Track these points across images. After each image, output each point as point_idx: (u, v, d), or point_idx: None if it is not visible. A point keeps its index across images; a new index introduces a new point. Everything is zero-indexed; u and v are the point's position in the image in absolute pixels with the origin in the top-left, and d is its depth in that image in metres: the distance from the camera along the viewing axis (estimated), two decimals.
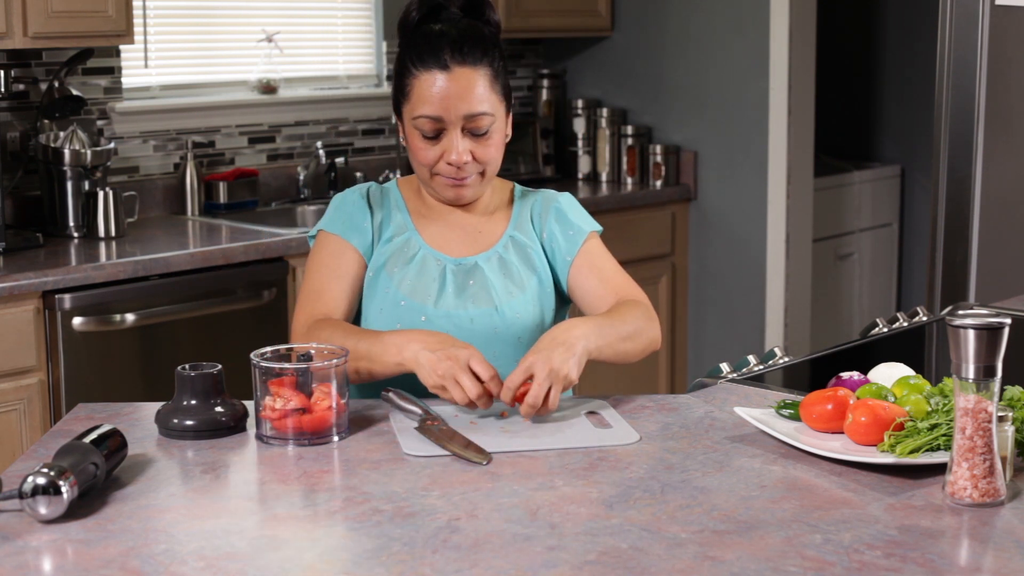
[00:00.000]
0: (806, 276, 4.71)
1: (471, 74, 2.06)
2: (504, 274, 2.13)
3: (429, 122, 2.05)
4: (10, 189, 3.69)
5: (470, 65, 2.06)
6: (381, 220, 2.16)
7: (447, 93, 2.04)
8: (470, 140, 2.08)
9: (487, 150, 2.09)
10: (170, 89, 4.17)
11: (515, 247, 2.17)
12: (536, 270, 2.16)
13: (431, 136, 2.07)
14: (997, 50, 3.24)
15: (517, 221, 2.19)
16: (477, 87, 2.06)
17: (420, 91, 2.05)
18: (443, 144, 2.07)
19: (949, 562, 1.39)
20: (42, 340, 3.22)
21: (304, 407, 1.79)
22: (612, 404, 1.97)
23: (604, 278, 2.17)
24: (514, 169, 4.72)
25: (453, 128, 2.06)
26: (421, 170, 2.11)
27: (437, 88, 2.04)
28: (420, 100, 2.06)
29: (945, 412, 1.66)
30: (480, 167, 2.10)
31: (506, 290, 2.12)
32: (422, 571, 1.36)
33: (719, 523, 1.49)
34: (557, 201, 2.21)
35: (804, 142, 4.61)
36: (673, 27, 4.77)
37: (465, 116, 2.06)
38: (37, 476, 1.50)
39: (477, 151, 2.08)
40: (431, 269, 2.12)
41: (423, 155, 2.08)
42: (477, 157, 2.09)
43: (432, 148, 2.07)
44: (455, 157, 2.06)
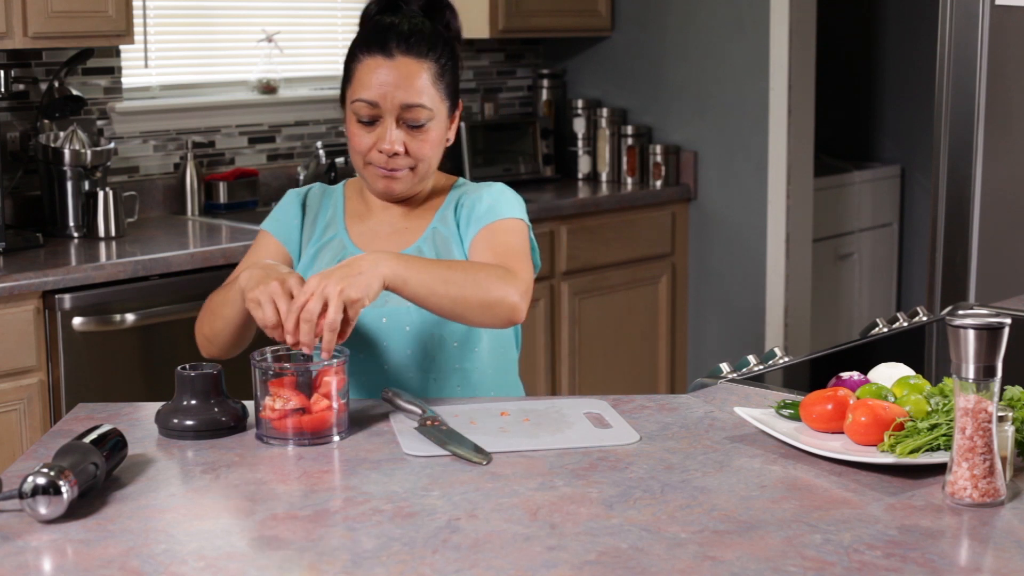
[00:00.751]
0: (806, 276, 4.71)
1: (413, 65, 2.08)
2: None
3: (366, 107, 2.07)
4: (10, 189, 3.69)
5: (414, 56, 2.08)
6: (315, 220, 2.18)
7: (386, 80, 2.06)
8: (405, 131, 2.08)
9: (421, 145, 2.09)
10: (170, 89, 4.17)
11: (436, 241, 2.13)
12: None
13: (366, 122, 2.07)
14: (997, 50, 3.24)
15: (443, 213, 2.16)
16: (418, 79, 2.07)
17: (361, 75, 2.07)
18: (377, 132, 2.07)
19: (949, 562, 1.39)
20: (42, 340, 3.22)
21: (304, 407, 1.79)
22: (612, 404, 1.97)
23: (493, 248, 2.06)
24: (514, 169, 4.72)
25: (389, 116, 2.07)
26: (356, 158, 2.12)
27: (377, 74, 2.06)
28: (360, 84, 2.07)
29: (945, 412, 1.66)
30: (412, 161, 2.09)
31: None
32: (422, 571, 1.36)
33: (719, 523, 1.49)
34: (483, 189, 2.16)
35: (804, 142, 4.61)
36: (673, 27, 4.77)
37: (402, 105, 2.06)
38: (37, 476, 1.50)
39: (411, 144, 2.08)
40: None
41: (357, 141, 2.09)
42: (410, 150, 2.08)
43: (367, 135, 2.08)
44: (387, 146, 2.06)
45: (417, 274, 1.87)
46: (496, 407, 1.96)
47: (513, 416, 1.91)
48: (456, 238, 2.14)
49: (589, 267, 4.46)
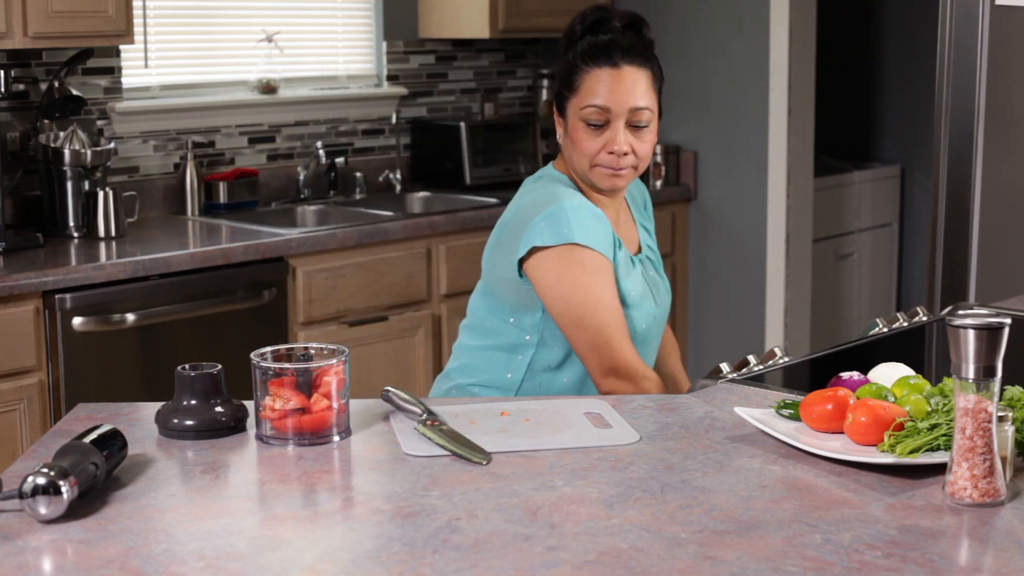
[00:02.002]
0: (806, 276, 4.71)
1: (637, 72, 2.27)
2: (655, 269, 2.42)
3: (597, 112, 2.25)
4: (10, 189, 3.69)
5: (636, 65, 2.27)
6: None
7: (615, 87, 2.25)
8: (631, 133, 2.26)
9: (643, 145, 2.28)
10: (170, 89, 4.17)
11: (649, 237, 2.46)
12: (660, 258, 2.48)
13: (597, 125, 2.26)
14: (997, 50, 3.24)
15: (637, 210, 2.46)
16: (641, 84, 2.27)
17: (590, 85, 2.26)
18: (606, 136, 2.26)
19: (949, 562, 1.39)
20: (42, 340, 3.22)
21: (304, 407, 1.79)
22: (612, 404, 1.97)
23: None
24: (514, 169, 4.72)
25: (617, 119, 2.25)
26: (582, 161, 2.28)
27: (607, 82, 2.25)
28: (590, 92, 2.26)
29: (945, 412, 1.66)
30: (636, 161, 2.28)
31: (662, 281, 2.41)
32: (422, 571, 1.36)
33: (719, 523, 1.49)
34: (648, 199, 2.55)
35: (804, 142, 4.61)
36: (673, 27, 4.77)
37: (630, 108, 2.25)
38: (37, 476, 1.50)
39: (635, 144, 2.27)
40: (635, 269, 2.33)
41: (586, 145, 2.27)
42: (635, 150, 2.27)
43: (595, 139, 2.26)
44: (616, 147, 2.25)
45: None
46: (496, 407, 1.96)
47: (513, 416, 1.91)
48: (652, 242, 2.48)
49: None
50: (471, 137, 4.61)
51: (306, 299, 3.71)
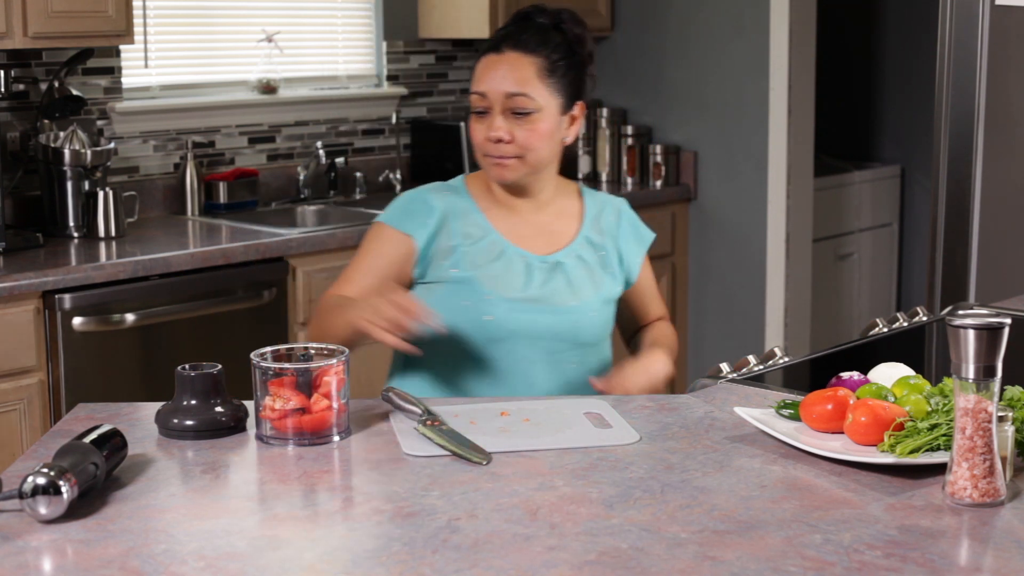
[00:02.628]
0: (806, 276, 4.71)
1: (520, 59, 2.21)
2: (587, 274, 2.28)
3: (477, 98, 2.22)
4: (10, 189, 3.69)
5: (521, 51, 2.22)
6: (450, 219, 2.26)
7: (494, 72, 2.21)
8: (511, 120, 2.21)
9: (528, 135, 2.21)
10: (170, 89, 4.17)
11: (591, 248, 2.31)
12: (613, 275, 2.31)
13: (479, 112, 2.22)
14: (997, 50, 3.24)
15: (591, 221, 2.34)
16: (522, 71, 2.21)
17: (477, 72, 2.24)
18: (487, 122, 2.22)
19: (949, 562, 1.39)
20: (42, 340, 3.22)
21: (304, 407, 1.79)
22: (612, 404, 1.97)
23: (652, 293, 2.44)
24: None
25: (496, 105, 2.21)
26: (476, 151, 2.26)
27: (488, 68, 2.22)
28: (475, 79, 2.24)
29: (945, 412, 1.66)
30: (519, 150, 2.22)
31: (592, 290, 2.28)
32: (422, 571, 1.36)
33: (719, 523, 1.49)
34: (624, 206, 2.40)
35: (804, 142, 4.61)
36: (673, 27, 4.77)
37: (505, 94, 2.20)
38: (37, 476, 1.50)
39: (517, 133, 2.21)
40: (516, 265, 2.24)
41: (473, 133, 2.24)
42: (516, 139, 2.21)
43: (480, 127, 2.23)
44: (492, 133, 2.20)
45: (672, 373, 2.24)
46: (496, 407, 1.96)
47: (513, 416, 1.91)
48: (614, 250, 2.34)
49: None
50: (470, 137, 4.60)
51: (306, 299, 3.71)
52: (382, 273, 2.23)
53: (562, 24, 2.27)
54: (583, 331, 2.26)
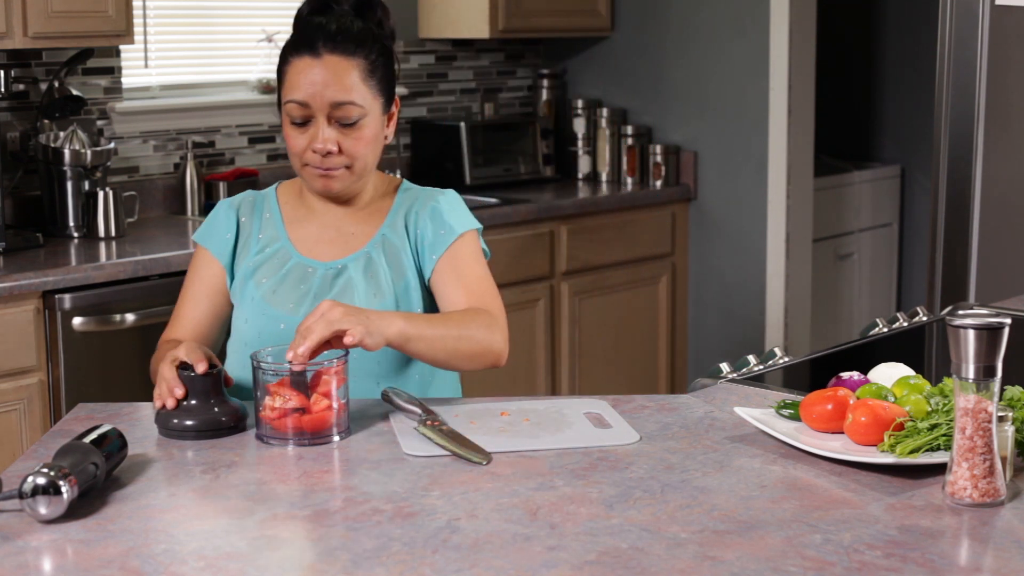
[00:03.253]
0: (806, 276, 4.71)
1: (342, 63, 2.06)
2: (369, 277, 2.12)
3: (297, 107, 2.06)
4: (10, 189, 3.69)
5: (341, 54, 2.06)
6: (250, 231, 2.17)
7: (315, 79, 2.05)
8: (338, 130, 2.07)
9: (355, 144, 2.08)
10: (170, 89, 4.17)
11: (385, 247, 2.14)
12: (404, 273, 2.13)
13: (300, 123, 2.07)
14: (997, 50, 3.24)
15: (392, 220, 2.17)
16: (346, 77, 2.05)
17: (291, 77, 2.07)
18: (311, 132, 2.07)
19: (949, 562, 1.39)
20: (42, 340, 3.22)
21: (303, 407, 1.79)
22: (612, 404, 1.97)
23: (463, 282, 2.12)
24: (514, 169, 4.72)
25: (320, 115, 2.06)
26: (293, 160, 2.12)
27: (306, 74, 2.05)
28: (291, 86, 2.07)
29: (945, 412, 1.66)
30: (347, 160, 2.08)
31: (368, 294, 2.10)
32: (422, 571, 1.36)
33: (719, 523, 1.49)
34: (436, 199, 2.18)
35: (804, 142, 4.61)
36: (673, 27, 4.77)
37: (331, 103, 2.05)
38: (37, 476, 1.50)
39: (344, 143, 2.07)
40: (298, 277, 2.12)
41: (292, 143, 2.09)
42: (344, 149, 2.07)
43: (301, 136, 2.08)
44: (319, 145, 2.06)
45: (419, 335, 1.94)
46: (496, 407, 1.96)
47: (513, 416, 1.91)
48: (408, 249, 2.14)
49: (589, 267, 4.46)
50: (471, 137, 4.61)
51: None
52: (207, 299, 2.17)
53: (377, 15, 2.13)
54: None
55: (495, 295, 2.13)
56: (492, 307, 2.10)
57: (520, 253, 4.22)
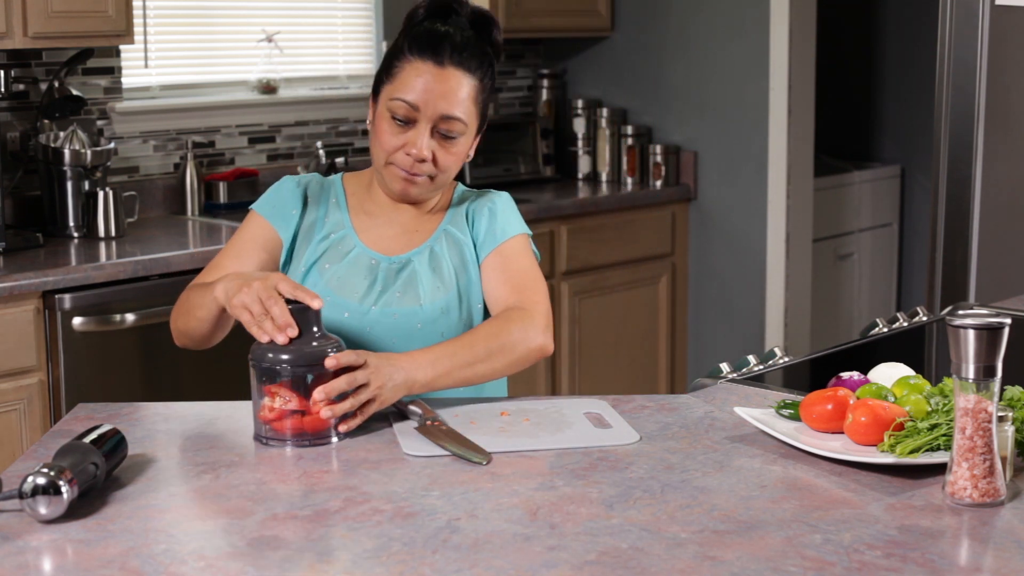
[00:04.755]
0: (806, 276, 4.71)
1: (461, 78, 2.07)
2: (433, 269, 2.14)
3: (405, 107, 2.05)
4: (10, 189, 3.69)
5: (463, 70, 2.07)
6: (316, 216, 2.17)
7: (432, 87, 2.05)
8: (437, 141, 2.07)
9: (448, 157, 2.09)
10: (170, 89, 4.17)
11: (448, 241, 2.16)
12: (467, 267, 2.16)
13: (401, 122, 2.06)
14: (997, 50, 3.24)
15: (453, 216, 2.19)
16: (462, 91, 2.07)
17: (407, 75, 2.06)
18: (409, 135, 2.07)
19: (949, 562, 1.39)
20: (42, 340, 3.22)
21: (303, 409, 1.79)
22: (612, 404, 1.97)
23: (508, 277, 2.13)
24: (514, 169, 4.72)
25: (425, 122, 2.06)
26: (379, 154, 2.11)
27: (424, 78, 2.05)
28: (404, 84, 2.06)
29: (945, 412, 1.66)
30: (435, 171, 2.09)
31: (433, 286, 2.12)
32: (422, 571, 1.36)
33: (719, 523, 1.49)
34: (492, 201, 2.21)
35: (804, 142, 4.61)
36: (673, 27, 4.77)
37: (441, 115, 2.06)
38: (37, 476, 1.50)
39: (439, 154, 2.08)
40: (363, 267, 2.13)
41: (386, 139, 2.08)
42: (437, 160, 2.08)
43: (397, 135, 2.07)
44: (415, 151, 2.06)
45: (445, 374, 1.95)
46: (496, 407, 1.96)
47: (513, 416, 1.91)
48: (469, 244, 2.17)
49: (589, 267, 4.46)
50: None
51: None
52: (255, 259, 2.13)
53: (492, 35, 2.13)
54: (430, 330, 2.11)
55: (538, 288, 2.13)
56: (533, 300, 2.10)
57: None
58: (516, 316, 2.05)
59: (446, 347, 1.97)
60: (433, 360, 1.94)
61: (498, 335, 2.02)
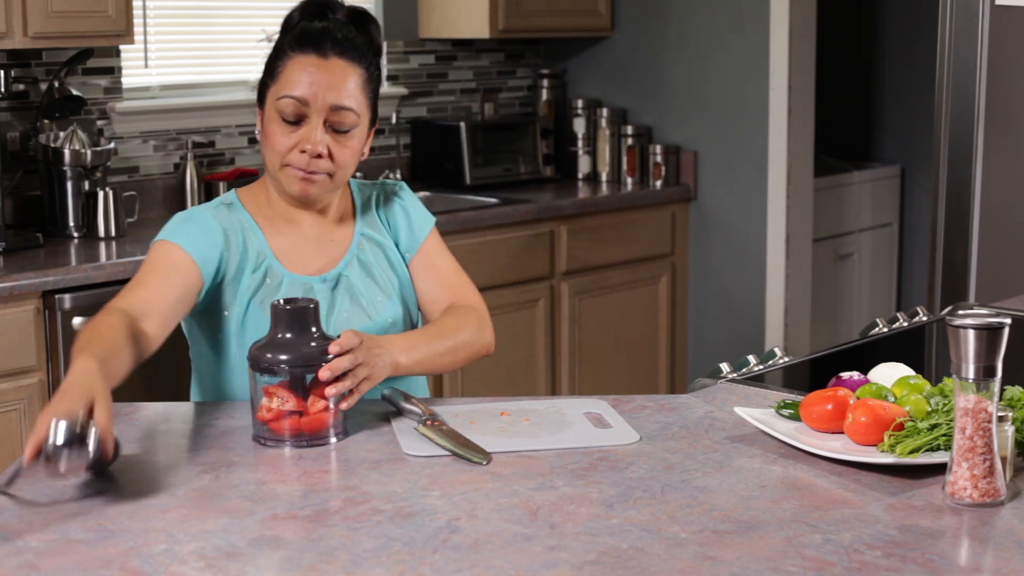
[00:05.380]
0: (806, 276, 4.71)
1: (346, 67, 2.04)
2: (368, 278, 2.13)
3: (294, 104, 2.02)
4: (10, 189, 3.69)
5: (348, 60, 2.04)
6: (240, 247, 2.08)
7: (318, 78, 2.02)
8: (331, 136, 2.04)
9: (344, 151, 2.05)
10: (170, 89, 4.17)
11: (370, 246, 2.15)
12: (395, 268, 2.17)
13: (291, 121, 2.03)
14: (997, 50, 3.24)
15: (366, 220, 2.17)
16: (349, 81, 2.04)
17: (291, 73, 2.03)
18: (301, 133, 2.03)
19: (949, 562, 1.39)
20: (42, 340, 3.22)
21: (301, 410, 1.78)
22: (612, 404, 1.97)
23: (441, 279, 2.18)
24: (514, 169, 4.72)
25: (316, 116, 2.02)
26: (272, 159, 2.06)
27: (310, 72, 2.02)
28: (289, 81, 2.03)
29: (945, 412, 1.66)
30: (332, 167, 2.05)
31: (373, 296, 2.12)
32: (422, 571, 1.36)
33: (719, 523, 1.49)
34: (400, 197, 2.20)
35: (804, 142, 4.61)
36: (673, 27, 4.77)
37: (331, 106, 2.02)
38: (61, 425, 1.50)
39: (334, 149, 2.04)
40: (298, 295, 2.07)
41: (278, 140, 2.03)
42: (333, 155, 2.04)
43: (289, 135, 2.03)
44: (310, 146, 2.02)
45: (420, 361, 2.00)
46: (496, 407, 1.96)
47: (513, 416, 1.91)
48: (391, 245, 2.17)
49: (589, 267, 4.46)
50: (471, 137, 4.61)
51: None
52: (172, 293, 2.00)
53: (371, 31, 2.12)
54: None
55: (471, 286, 2.21)
56: (472, 299, 2.18)
57: (520, 253, 4.22)
58: (472, 314, 2.13)
59: (420, 335, 2.04)
60: (411, 346, 1.99)
61: (460, 331, 2.09)
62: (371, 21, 2.14)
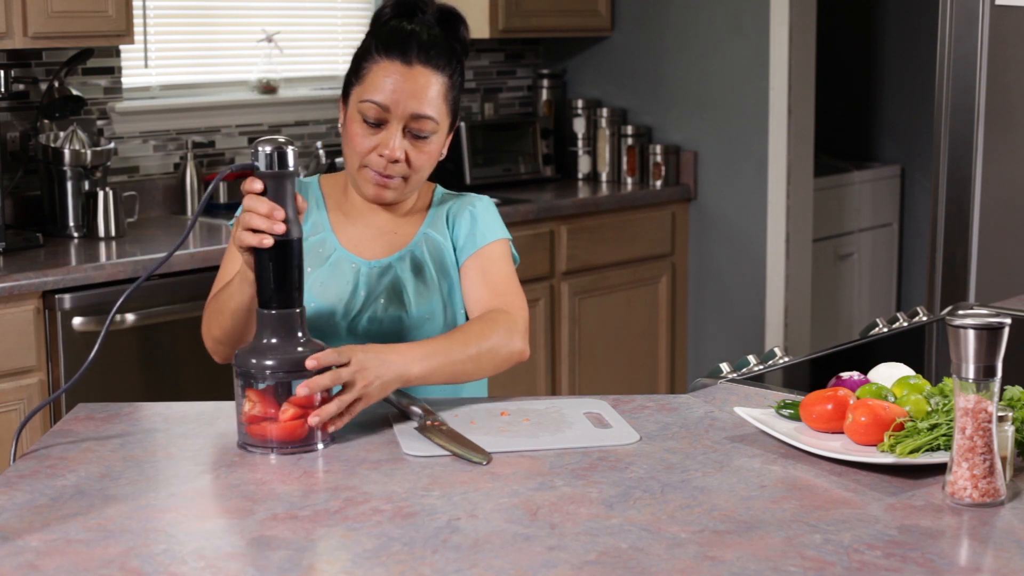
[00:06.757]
0: (806, 276, 4.71)
1: (430, 76, 2.06)
2: (416, 275, 2.14)
3: (375, 109, 2.05)
4: (10, 189, 3.69)
5: (431, 68, 2.06)
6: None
7: (401, 86, 2.04)
8: (409, 140, 2.06)
9: (420, 156, 2.08)
10: (170, 89, 4.17)
11: (429, 246, 2.16)
12: (448, 271, 2.16)
13: (372, 124, 2.06)
14: (997, 50, 3.24)
15: (433, 220, 2.18)
16: (431, 90, 2.06)
17: (376, 76, 2.06)
18: (381, 136, 2.06)
19: (949, 562, 1.39)
20: (42, 340, 3.22)
21: (271, 416, 1.74)
22: (612, 404, 1.97)
23: (488, 280, 2.14)
24: (514, 169, 4.72)
25: (396, 122, 2.05)
26: (352, 158, 2.10)
27: (393, 78, 2.04)
28: (373, 85, 2.05)
29: (945, 412, 1.66)
30: (408, 171, 2.08)
31: (417, 292, 2.12)
32: (422, 571, 1.36)
33: (719, 523, 1.49)
34: (473, 204, 2.20)
35: (804, 142, 4.61)
36: (673, 27, 4.77)
37: (412, 114, 2.05)
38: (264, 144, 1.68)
39: (412, 154, 2.07)
40: (344, 271, 2.12)
41: (358, 141, 2.07)
42: (410, 160, 2.07)
43: (369, 137, 2.06)
44: (387, 152, 2.05)
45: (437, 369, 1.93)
46: (496, 407, 1.96)
47: (513, 416, 1.91)
48: (449, 247, 2.16)
49: (589, 267, 4.46)
50: (471, 137, 4.61)
51: None
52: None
53: (459, 32, 2.13)
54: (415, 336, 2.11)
55: (518, 294, 2.13)
56: (513, 305, 2.10)
57: (520, 253, 4.21)
58: (501, 319, 2.04)
59: (440, 342, 1.97)
60: (429, 354, 1.93)
61: (486, 336, 2.01)
62: (460, 21, 2.14)
